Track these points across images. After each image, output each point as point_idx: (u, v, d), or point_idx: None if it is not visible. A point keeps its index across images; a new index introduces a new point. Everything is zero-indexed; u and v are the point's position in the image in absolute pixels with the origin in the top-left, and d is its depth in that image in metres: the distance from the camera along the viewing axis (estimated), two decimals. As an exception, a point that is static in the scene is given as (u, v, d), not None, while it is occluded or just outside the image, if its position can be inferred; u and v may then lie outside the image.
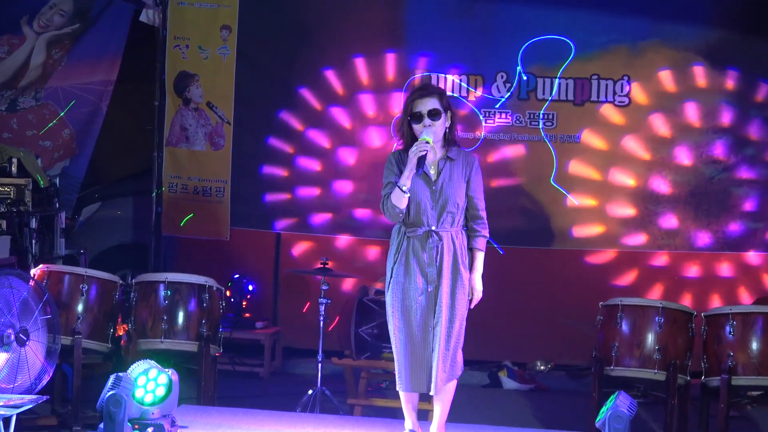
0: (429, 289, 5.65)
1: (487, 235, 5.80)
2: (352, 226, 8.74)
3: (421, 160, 5.55)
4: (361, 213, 8.72)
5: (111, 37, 8.91)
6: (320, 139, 8.75)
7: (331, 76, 8.70)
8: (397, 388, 5.74)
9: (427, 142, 5.55)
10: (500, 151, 8.54)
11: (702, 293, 8.32)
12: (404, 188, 5.59)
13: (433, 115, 5.64)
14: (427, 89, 5.75)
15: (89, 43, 8.94)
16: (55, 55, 8.98)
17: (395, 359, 5.72)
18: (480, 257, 5.78)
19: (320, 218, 8.78)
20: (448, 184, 5.68)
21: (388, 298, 5.73)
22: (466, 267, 5.71)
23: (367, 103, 8.68)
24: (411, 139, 5.69)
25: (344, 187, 8.74)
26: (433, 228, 5.67)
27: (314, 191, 8.79)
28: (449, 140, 5.74)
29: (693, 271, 8.40)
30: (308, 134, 8.76)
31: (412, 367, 5.66)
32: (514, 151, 8.54)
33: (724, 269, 8.37)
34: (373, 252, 8.71)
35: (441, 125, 5.66)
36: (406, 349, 5.66)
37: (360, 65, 8.67)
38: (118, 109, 9.51)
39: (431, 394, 5.68)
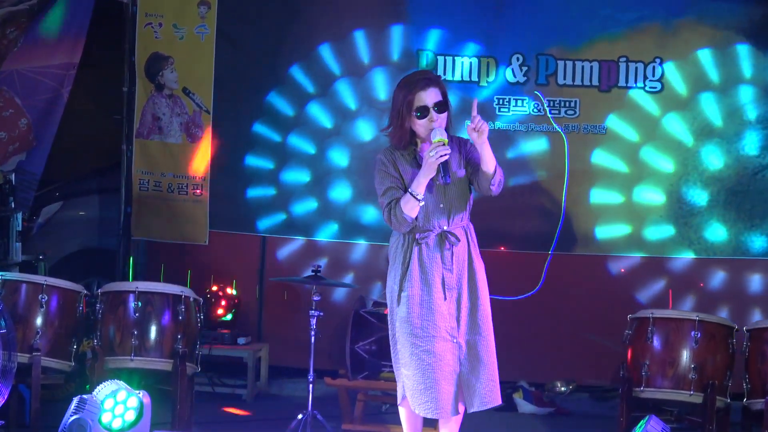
0: (450, 296, 5.69)
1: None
2: (348, 228, 8.77)
3: (445, 165, 5.59)
4: (359, 213, 8.75)
5: (73, 14, 8.91)
6: (312, 129, 8.78)
7: (324, 57, 8.73)
8: (428, 415, 5.73)
9: (444, 144, 5.57)
10: (516, 144, 8.57)
11: (744, 305, 8.35)
12: (419, 197, 5.62)
13: (440, 106, 5.68)
14: (430, 77, 5.76)
15: (49, 21, 8.95)
16: (11, 34, 8.99)
17: (416, 383, 5.67)
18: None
19: (311, 219, 8.81)
20: (454, 178, 5.72)
21: (402, 314, 5.72)
22: (480, 259, 5.78)
23: (365, 88, 8.71)
24: (410, 135, 5.73)
25: (339, 184, 8.77)
26: (446, 228, 5.71)
27: (305, 189, 8.82)
28: (446, 128, 5.78)
29: (734, 279, 8.42)
30: (298, 125, 8.79)
31: (438, 390, 5.64)
32: (531, 143, 8.57)
33: (769, 277, 8.41)
34: (372, 258, 8.73)
35: (445, 118, 5.70)
36: (434, 371, 5.65)
37: (356, 45, 8.69)
38: (81, 95, 9.55)
39: (477, 410, 5.72)
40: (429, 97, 5.66)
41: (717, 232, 8.41)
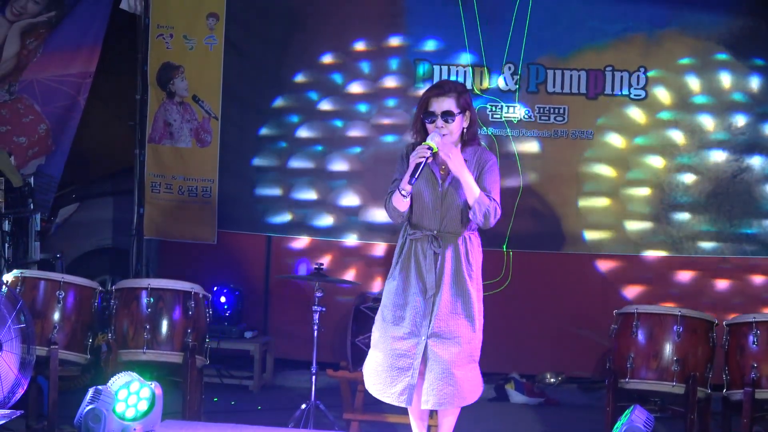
0: (427, 295, 5.69)
1: (495, 209, 5.67)
2: (350, 228, 8.77)
3: (418, 167, 5.58)
4: (361, 213, 8.75)
5: (89, 25, 8.93)
6: (315, 134, 8.78)
7: (327, 66, 8.73)
8: (379, 397, 5.82)
9: (430, 148, 5.59)
10: (508, 149, 8.57)
11: (724, 300, 8.35)
12: (403, 192, 5.64)
13: (447, 115, 5.68)
14: (444, 87, 5.78)
15: (66, 32, 8.96)
16: (30, 45, 9.00)
17: (377, 364, 5.76)
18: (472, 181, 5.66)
19: (315, 220, 8.80)
20: (455, 186, 5.72)
21: (383, 301, 5.81)
22: (471, 277, 5.73)
23: (366, 95, 8.71)
24: (424, 136, 5.75)
25: (342, 185, 8.77)
26: (435, 232, 5.71)
27: (309, 191, 8.82)
28: (466, 140, 5.78)
29: (715, 276, 8.42)
30: (302, 129, 8.79)
31: (403, 379, 5.68)
32: (522, 148, 8.57)
33: (748, 275, 8.39)
34: (372, 256, 8.74)
35: (456, 126, 5.71)
36: (397, 359, 5.69)
37: (357, 55, 8.69)
38: (97, 103, 9.54)
39: (432, 408, 5.71)
40: (439, 104, 5.68)
41: (699, 233, 8.41)
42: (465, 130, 5.77)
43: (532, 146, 8.57)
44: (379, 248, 8.67)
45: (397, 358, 5.70)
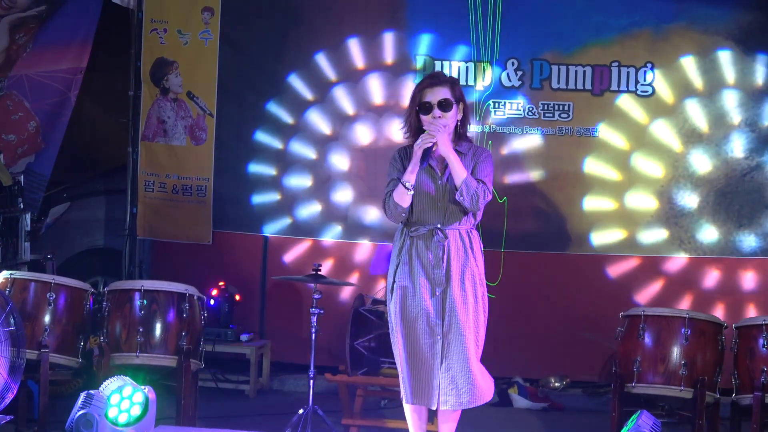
0: (436, 293, 5.69)
1: (484, 191, 5.72)
2: (349, 228, 8.76)
3: (426, 153, 5.60)
4: (360, 213, 8.74)
5: (81, 20, 8.92)
6: (313, 131, 8.77)
7: (325, 61, 8.73)
8: (403, 401, 5.80)
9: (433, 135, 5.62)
10: (511, 147, 8.57)
11: (733, 302, 8.34)
12: (408, 185, 5.65)
13: (444, 106, 5.70)
14: (438, 77, 5.82)
15: (57, 27, 8.95)
16: (20, 40, 8.99)
17: (399, 370, 5.78)
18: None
19: (313, 219, 8.80)
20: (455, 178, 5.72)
21: (390, 305, 5.80)
22: (477, 269, 5.76)
23: (365, 92, 8.70)
24: (418, 132, 5.76)
25: (340, 184, 8.76)
26: (439, 226, 5.71)
27: (307, 189, 8.81)
28: (460, 134, 5.80)
29: (723, 278, 8.41)
30: (300, 126, 8.79)
31: (417, 379, 5.70)
32: (526, 146, 8.56)
33: (758, 276, 8.38)
34: (372, 257, 8.73)
35: (452, 117, 5.73)
36: (409, 360, 5.71)
37: (355, 50, 8.69)
38: (88, 99, 9.54)
39: (452, 408, 5.73)
40: (434, 94, 5.71)
41: (707, 232, 8.41)
42: (459, 123, 5.78)
43: (535, 144, 8.55)
44: (382, 249, 8.65)
45: (419, 363, 5.70)
